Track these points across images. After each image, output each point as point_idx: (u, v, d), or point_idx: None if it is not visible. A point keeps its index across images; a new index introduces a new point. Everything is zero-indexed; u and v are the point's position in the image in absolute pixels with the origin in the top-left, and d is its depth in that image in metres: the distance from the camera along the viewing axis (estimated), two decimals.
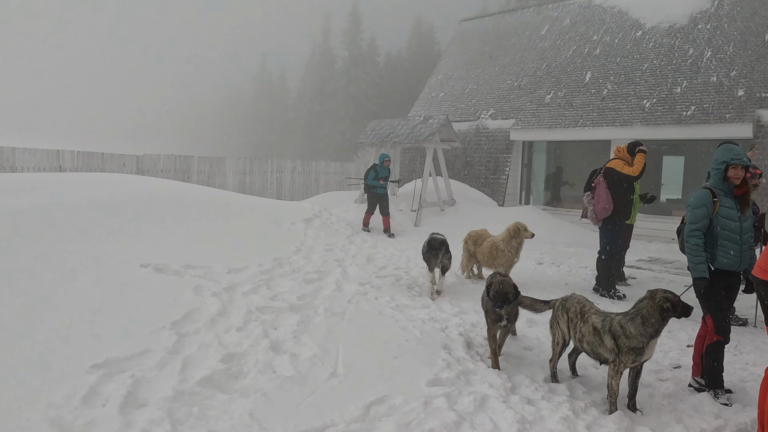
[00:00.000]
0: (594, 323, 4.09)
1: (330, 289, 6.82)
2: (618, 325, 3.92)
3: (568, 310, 4.35)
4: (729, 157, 4.16)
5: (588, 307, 4.26)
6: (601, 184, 7.46)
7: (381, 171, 12.14)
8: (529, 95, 15.90)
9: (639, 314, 3.86)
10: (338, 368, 4.32)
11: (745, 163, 4.15)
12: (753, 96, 11.94)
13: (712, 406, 4.06)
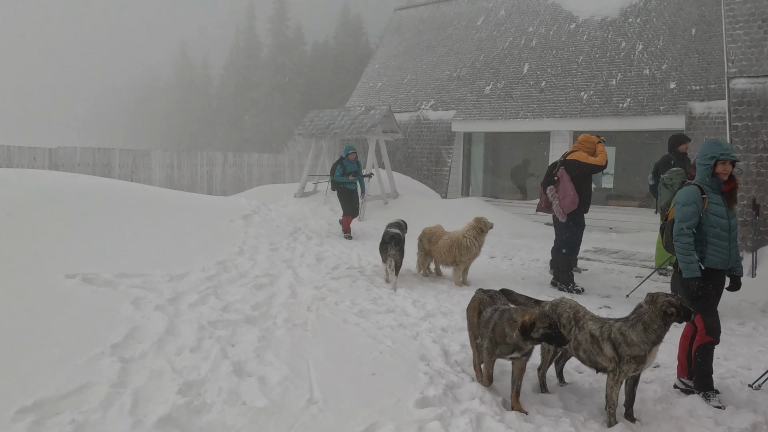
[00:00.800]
0: (591, 330, 3.84)
1: (284, 295, 6.28)
2: (618, 332, 3.70)
3: (560, 316, 4.09)
4: (718, 152, 4.02)
5: (582, 313, 4.02)
6: (564, 176, 7.32)
7: (348, 165, 11.00)
8: (469, 86, 15.81)
9: (640, 320, 3.64)
10: (314, 392, 3.84)
11: (734, 157, 4.03)
12: (684, 89, 12.38)
13: (707, 410, 3.93)
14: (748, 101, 8.27)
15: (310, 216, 12.10)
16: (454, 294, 7.01)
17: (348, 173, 10.90)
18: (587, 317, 3.96)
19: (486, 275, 8.28)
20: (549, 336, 3.68)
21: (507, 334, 3.84)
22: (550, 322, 3.68)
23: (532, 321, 3.71)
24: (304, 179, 13.90)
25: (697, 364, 4.13)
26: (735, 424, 3.68)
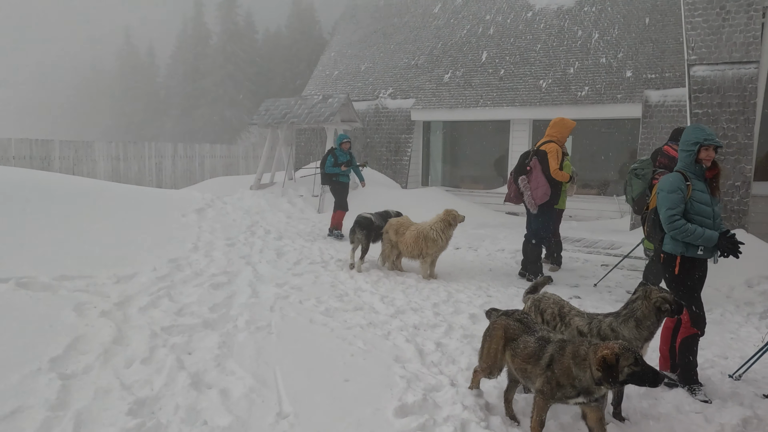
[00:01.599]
0: (579, 326, 3.64)
1: (245, 294, 5.87)
2: (609, 328, 3.52)
3: (543, 312, 3.87)
4: (702, 138, 3.88)
5: (568, 308, 3.82)
6: (536, 167, 7.14)
7: (341, 155, 10.02)
8: (428, 74, 15.57)
9: (633, 316, 3.48)
10: (284, 405, 3.49)
11: (717, 143, 3.89)
12: (640, 77, 12.50)
13: (693, 405, 3.81)
14: (708, 88, 8.33)
15: (268, 209, 11.64)
16: (423, 288, 6.76)
17: (340, 164, 9.98)
18: (573, 313, 3.77)
19: (453, 267, 8.07)
20: (637, 376, 2.87)
21: (576, 376, 2.99)
22: (635, 356, 2.89)
23: (615, 358, 2.87)
24: (260, 171, 13.38)
25: (682, 357, 4.01)
26: (725, 419, 3.55)
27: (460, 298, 6.38)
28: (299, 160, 16.52)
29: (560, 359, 3.05)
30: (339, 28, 20.24)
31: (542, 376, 3.10)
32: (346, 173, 10.07)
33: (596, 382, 2.91)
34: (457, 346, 4.79)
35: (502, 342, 3.39)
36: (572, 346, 3.06)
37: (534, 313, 3.93)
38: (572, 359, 3.00)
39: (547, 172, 7.10)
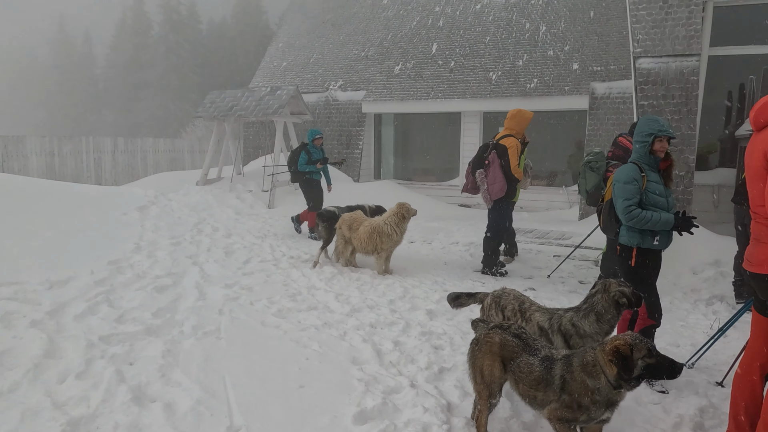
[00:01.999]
0: (539, 322, 3.57)
1: (192, 297, 5.57)
2: (569, 324, 3.46)
3: (504, 308, 3.79)
4: (656, 129, 3.87)
5: (528, 304, 3.74)
6: (495, 161, 7.08)
7: (314, 152, 9.51)
8: (378, 66, 15.39)
9: (593, 310, 3.43)
10: (235, 417, 3.27)
11: (671, 134, 3.89)
12: (586, 69, 12.72)
13: (651, 396, 3.82)
14: (653, 80, 8.51)
15: (216, 205, 11.22)
16: (378, 284, 6.61)
17: (315, 161, 9.47)
18: (533, 308, 3.70)
19: (408, 262, 7.97)
20: (653, 368, 2.63)
21: (593, 388, 2.69)
22: (648, 347, 2.67)
23: (630, 349, 2.63)
24: (206, 165, 12.89)
25: None
26: (682, 410, 3.57)
27: (416, 293, 6.28)
28: (247, 154, 16.05)
29: (572, 376, 2.76)
30: (287, 19, 19.76)
31: (558, 402, 2.78)
32: (319, 171, 9.62)
33: (614, 385, 2.67)
34: (416, 344, 4.67)
35: (498, 360, 3.01)
36: (578, 357, 2.81)
37: (495, 309, 3.84)
38: (582, 370, 2.74)
39: (506, 167, 7.07)
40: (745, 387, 2.98)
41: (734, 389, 3.06)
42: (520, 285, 6.83)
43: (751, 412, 2.95)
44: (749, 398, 2.97)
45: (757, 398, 2.94)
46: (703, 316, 5.77)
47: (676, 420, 3.43)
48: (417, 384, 3.90)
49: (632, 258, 3.95)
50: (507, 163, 7.04)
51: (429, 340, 4.79)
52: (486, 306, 3.92)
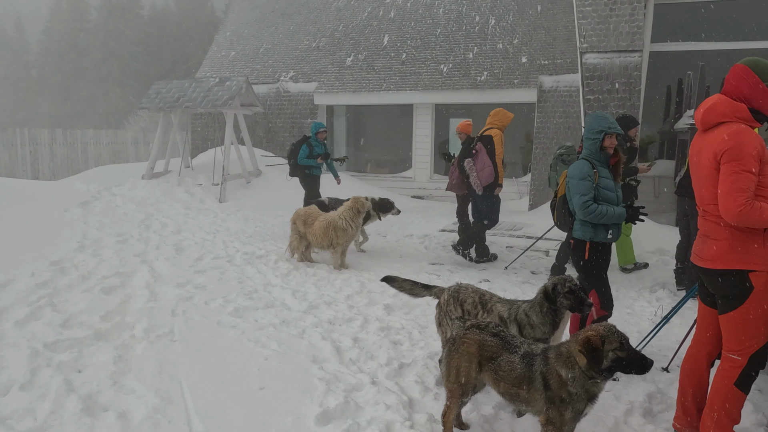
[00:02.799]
0: (500, 313, 3.67)
1: (142, 298, 5.38)
2: (524, 314, 3.58)
3: (463, 302, 3.83)
4: (606, 126, 3.99)
5: (488, 296, 3.82)
6: (482, 150, 7.31)
7: (317, 146, 9.07)
8: (330, 57, 15.23)
9: (540, 303, 3.55)
10: (193, 424, 3.18)
11: (620, 131, 4.02)
12: (534, 63, 13.00)
13: None
14: (598, 75, 8.78)
15: (164, 200, 10.87)
16: (335, 279, 6.58)
17: (316, 156, 9.02)
18: (494, 300, 3.78)
19: (363, 256, 7.97)
20: (623, 361, 2.63)
21: (568, 379, 2.68)
22: (620, 340, 2.65)
23: (601, 340, 2.63)
24: (152, 158, 12.45)
25: None
26: (632, 396, 3.72)
27: (373, 288, 6.28)
28: (196, 146, 15.61)
29: (548, 370, 2.75)
30: (234, 6, 19.26)
31: (543, 401, 2.75)
32: (320, 167, 9.20)
33: (588, 375, 2.66)
34: (375, 340, 4.68)
35: (475, 361, 2.97)
36: (554, 351, 2.81)
37: (453, 304, 3.88)
38: (557, 361, 2.74)
39: (492, 154, 7.30)
40: (693, 374, 3.14)
41: (682, 376, 3.21)
42: (475, 276, 6.94)
43: (698, 398, 3.11)
44: (696, 385, 3.12)
45: (704, 385, 3.10)
46: (647, 303, 6.03)
47: (627, 407, 3.57)
48: (378, 381, 3.90)
49: (586, 251, 4.08)
50: (493, 150, 7.31)
51: (388, 336, 4.80)
52: (443, 302, 3.95)
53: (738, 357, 2.90)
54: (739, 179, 2.67)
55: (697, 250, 3.01)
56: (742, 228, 2.76)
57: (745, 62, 2.85)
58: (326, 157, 9.16)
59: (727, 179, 2.70)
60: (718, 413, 2.95)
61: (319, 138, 9.11)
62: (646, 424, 3.40)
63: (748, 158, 2.67)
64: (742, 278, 2.77)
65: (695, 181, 3.01)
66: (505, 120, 7.53)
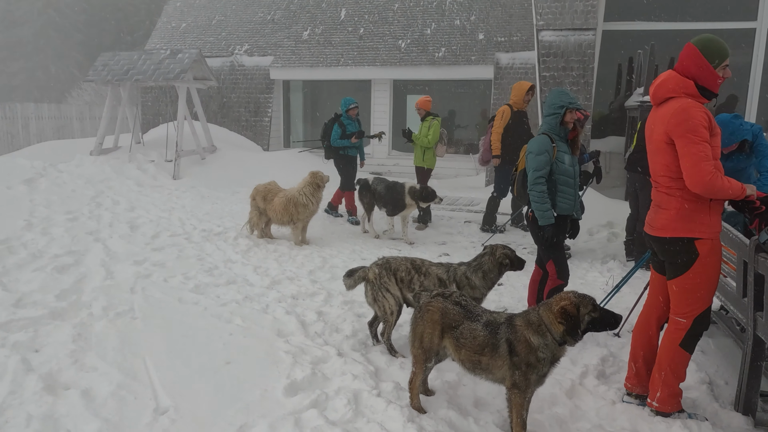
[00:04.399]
0: (438, 275, 4.00)
1: (98, 276, 5.25)
2: (463, 276, 3.96)
3: (396, 271, 4.03)
4: (567, 101, 4.11)
5: (419, 262, 4.12)
6: (489, 129, 7.77)
7: (349, 124, 8.33)
8: (286, 30, 14.90)
9: (481, 268, 3.97)
10: (160, 399, 3.16)
11: (579, 106, 4.14)
12: (491, 40, 13.10)
13: None
14: (554, 53, 8.95)
15: (114, 177, 10.51)
16: (296, 255, 6.57)
17: (349, 135, 8.29)
18: (427, 264, 4.09)
19: (324, 231, 7.97)
20: (598, 321, 2.80)
21: (538, 346, 2.80)
22: (592, 303, 2.81)
23: (576, 308, 2.76)
24: (101, 133, 11.96)
25: None
26: (587, 360, 3.92)
27: (335, 263, 6.31)
28: (147, 121, 15.07)
29: (516, 337, 2.84)
30: None
31: (507, 366, 2.85)
32: (355, 146, 8.43)
33: (560, 341, 2.79)
34: (339, 314, 4.73)
35: (438, 328, 3.06)
36: (521, 318, 2.90)
37: (386, 275, 4.01)
38: (527, 329, 2.83)
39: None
40: (644, 337, 3.33)
41: (634, 340, 3.40)
42: (435, 251, 7.07)
43: (648, 359, 3.30)
44: (647, 347, 3.31)
45: (654, 347, 3.29)
46: (599, 274, 6.29)
47: (583, 370, 3.76)
48: (344, 352, 3.96)
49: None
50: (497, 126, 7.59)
51: (351, 309, 4.86)
52: (374, 277, 4.01)
53: (683, 320, 3.09)
54: (700, 149, 2.80)
55: (649, 219, 3.16)
56: (690, 199, 2.91)
57: (696, 41, 2.98)
58: (361, 135, 8.41)
59: (689, 151, 2.81)
60: (666, 372, 3.14)
61: (350, 115, 8.38)
62: (600, 385, 3.59)
63: (700, 129, 2.81)
64: (690, 246, 2.94)
65: (648, 154, 3.15)
66: (518, 94, 7.55)
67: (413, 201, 7.45)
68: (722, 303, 3.92)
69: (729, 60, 2.94)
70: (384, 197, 7.61)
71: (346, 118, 8.34)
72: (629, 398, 3.39)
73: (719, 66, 2.92)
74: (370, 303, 4.09)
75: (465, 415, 3.19)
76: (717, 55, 2.91)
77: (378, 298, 4.00)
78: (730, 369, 3.83)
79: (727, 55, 2.93)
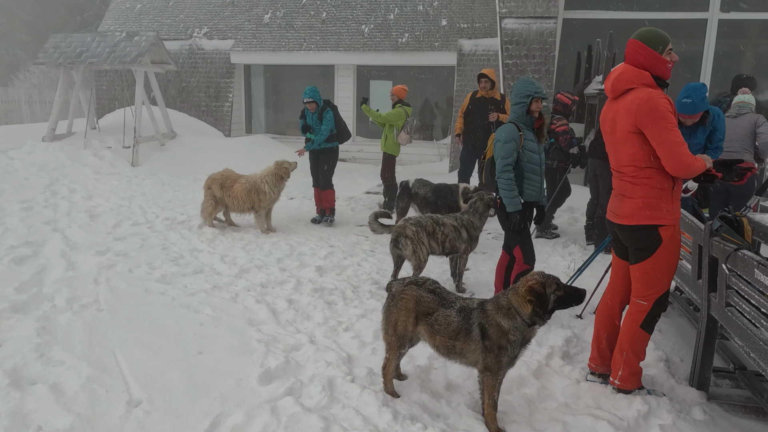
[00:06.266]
0: (452, 224, 5.08)
1: (59, 267, 5.11)
2: (468, 220, 5.10)
3: (425, 227, 5.01)
4: (533, 90, 4.19)
5: (437, 217, 5.12)
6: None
7: (307, 115, 7.47)
8: (246, 13, 14.58)
9: (477, 211, 5.10)
10: (133, 391, 3.13)
11: (545, 95, 4.24)
12: (454, 26, 13.16)
13: None
14: (516, 41, 9.07)
15: (69, 164, 10.18)
16: (263, 243, 6.53)
17: (309, 126, 7.47)
18: (442, 218, 5.12)
19: (290, 219, 7.93)
20: (563, 299, 2.89)
21: (509, 329, 2.88)
22: (556, 282, 2.89)
23: (542, 286, 2.85)
24: (53, 118, 11.52)
25: None
26: (552, 341, 4.05)
27: (303, 250, 6.30)
28: (102, 106, 14.57)
29: (488, 321, 2.92)
30: None
31: (480, 350, 2.93)
32: (316, 138, 7.40)
33: (529, 322, 2.89)
34: (309, 301, 4.75)
35: (413, 315, 3.11)
36: (491, 303, 2.99)
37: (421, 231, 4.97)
38: (498, 313, 2.92)
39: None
40: (607, 320, 3.47)
41: (597, 322, 3.54)
42: None
43: (611, 340, 3.45)
44: (610, 329, 3.46)
45: (616, 328, 3.44)
46: (561, 258, 6.48)
47: (549, 351, 3.90)
48: (316, 340, 3.99)
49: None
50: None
51: (322, 296, 4.88)
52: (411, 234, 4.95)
53: (644, 302, 3.24)
54: (674, 135, 2.91)
55: (614, 207, 3.27)
56: (655, 186, 3.04)
57: (636, 36, 3.10)
58: (307, 129, 7.49)
59: (665, 138, 2.91)
60: (627, 352, 3.30)
61: (309, 108, 7.44)
62: (565, 365, 3.73)
63: (669, 115, 2.93)
64: (654, 232, 3.07)
65: (610, 145, 3.24)
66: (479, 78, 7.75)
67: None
68: (677, 284, 4.12)
69: (672, 44, 3.07)
70: (431, 202, 6.80)
71: (307, 110, 7.51)
72: (593, 377, 3.54)
73: (664, 51, 3.04)
74: (408, 255, 4.97)
75: (438, 398, 3.27)
76: (659, 41, 3.03)
77: (417, 251, 4.94)
78: (685, 347, 4.04)
79: (669, 40, 3.06)
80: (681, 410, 3.23)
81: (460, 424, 3.02)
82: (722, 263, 3.09)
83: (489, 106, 7.65)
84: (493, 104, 7.69)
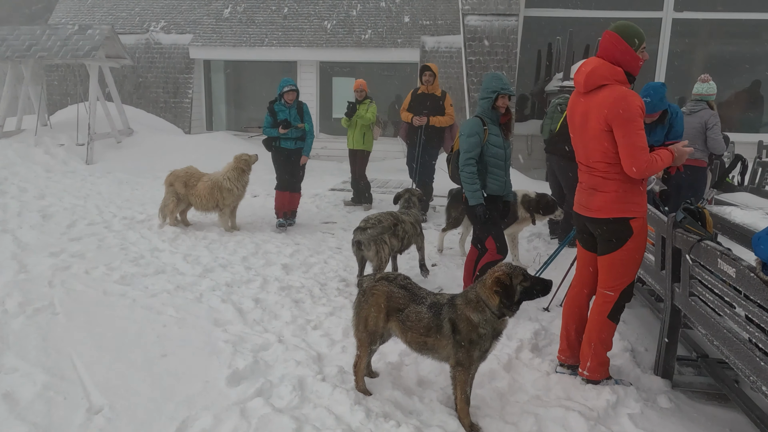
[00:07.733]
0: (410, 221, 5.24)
1: (10, 270, 4.88)
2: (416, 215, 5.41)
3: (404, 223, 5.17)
4: (499, 87, 4.20)
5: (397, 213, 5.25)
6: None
7: (281, 110, 6.93)
8: (205, 8, 14.24)
9: (415, 205, 5.48)
10: (93, 398, 2.98)
11: (511, 92, 4.26)
12: (417, 23, 13.17)
13: None
14: (479, 37, 9.14)
15: (19, 162, 9.76)
16: (227, 241, 6.38)
17: (279, 123, 6.92)
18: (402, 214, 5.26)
19: (254, 216, 7.78)
20: (530, 290, 2.88)
21: (478, 322, 2.87)
22: (522, 273, 2.90)
23: (509, 277, 2.85)
24: (1, 115, 11.01)
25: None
26: (521, 334, 4.08)
27: (268, 248, 6.19)
28: (53, 102, 13.99)
29: (458, 316, 2.91)
30: None
31: (452, 345, 2.91)
32: (290, 136, 6.99)
33: (499, 314, 2.88)
34: (277, 300, 4.66)
35: (384, 311, 3.07)
36: (461, 298, 2.99)
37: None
38: (467, 307, 2.91)
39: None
40: (574, 311, 3.51)
41: (565, 313, 3.58)
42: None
43: (579, 331, 3.49)
44: (578, 320, 3.50)
45: (584, 319, 3.48)
46: (526, 252, 6.56)
47: (518, 344, 3.92)
48: (285, 339, 3.91)
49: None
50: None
51: (289, 295, 4.80)
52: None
53: (611, 293, 3.29)
54: (637, 140, 2.96)
55: (584, 201, 3.30)
56: (627, 181, 3.08)
57: (614, 28, 3.12)
58: (287, 126, 6.89)
59: (627, 142, 2.96)
60: (595, 343, 3.34)
61: (287, 99, 6.91)
62: (534, 357, 3.76)
63: (638, 119, 2.97)
64: (625, 224, 3.12)
65: (580, 141, 3.25)
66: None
67: (527, 213, 5.84)
68: (640, 275, 4.21)
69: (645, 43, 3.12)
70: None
71: (281, 104, 6.95)
72: (562, 369, 3.58)
73: (639, 48, 3.08)
74: (371, 257, 4.86)
75: (410, 394, 3.25)
76: (636, 37, 3.07)
77: (379, 251, 4.85)
78: (649, 337, 4.13)
79: (644, 38, 3.10)
80: (648, 399, 3.30)
81: (433, 420, 3.00)
82: (686, 254, 3.16)
83: (426, 103, 7.50)
84: (431, 101, 7.52)
